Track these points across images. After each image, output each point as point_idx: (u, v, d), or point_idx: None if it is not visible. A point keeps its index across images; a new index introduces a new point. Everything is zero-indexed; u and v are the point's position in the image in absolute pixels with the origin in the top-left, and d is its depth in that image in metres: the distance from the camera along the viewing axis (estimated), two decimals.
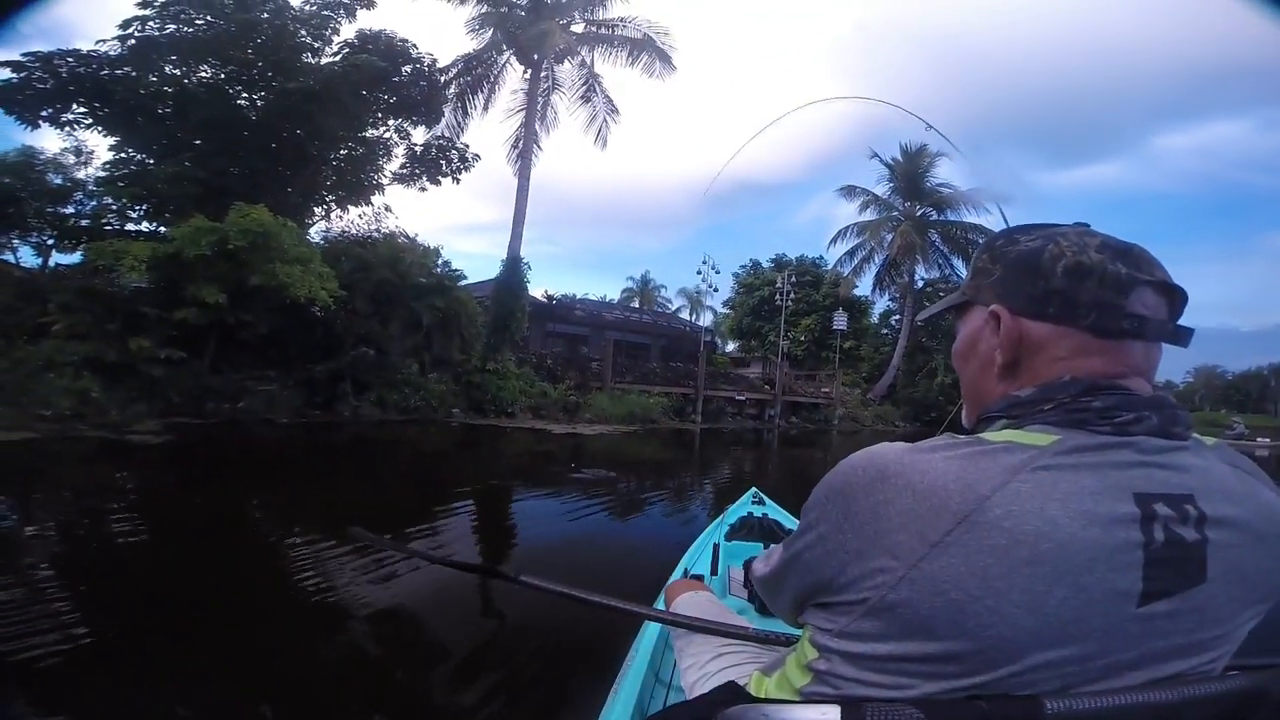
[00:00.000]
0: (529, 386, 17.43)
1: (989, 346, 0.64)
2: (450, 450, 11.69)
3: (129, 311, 10.67)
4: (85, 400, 9.39)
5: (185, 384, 11.02)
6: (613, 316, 29.88)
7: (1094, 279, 0.58)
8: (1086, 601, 0.49)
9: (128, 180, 13.54)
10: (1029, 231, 0.65)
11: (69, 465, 7.21)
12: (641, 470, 10.55)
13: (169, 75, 13.98)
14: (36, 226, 13.38)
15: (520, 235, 18.81)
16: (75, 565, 3.99)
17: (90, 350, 9.88)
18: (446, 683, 2.81)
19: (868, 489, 0.55)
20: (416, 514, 6.03)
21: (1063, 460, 0.52)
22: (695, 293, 38.45)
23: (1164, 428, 0.56)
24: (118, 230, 13.18)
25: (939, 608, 0.50)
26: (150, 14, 13.33)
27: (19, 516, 4.53)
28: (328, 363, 13.11)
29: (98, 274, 11.10)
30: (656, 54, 18.91)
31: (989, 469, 0.52)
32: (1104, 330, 0.58)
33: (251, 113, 14.78)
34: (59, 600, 3.35)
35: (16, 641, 2.72)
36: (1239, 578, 0.55)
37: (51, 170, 13.38)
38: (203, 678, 2.61)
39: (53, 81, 12.79)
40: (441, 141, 18.52)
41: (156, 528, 5.04)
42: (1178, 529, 0.52)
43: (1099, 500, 0.51)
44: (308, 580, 3.81)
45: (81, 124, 13.72)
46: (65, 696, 2.46)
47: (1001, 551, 0.49)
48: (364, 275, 14.17)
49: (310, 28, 14.95)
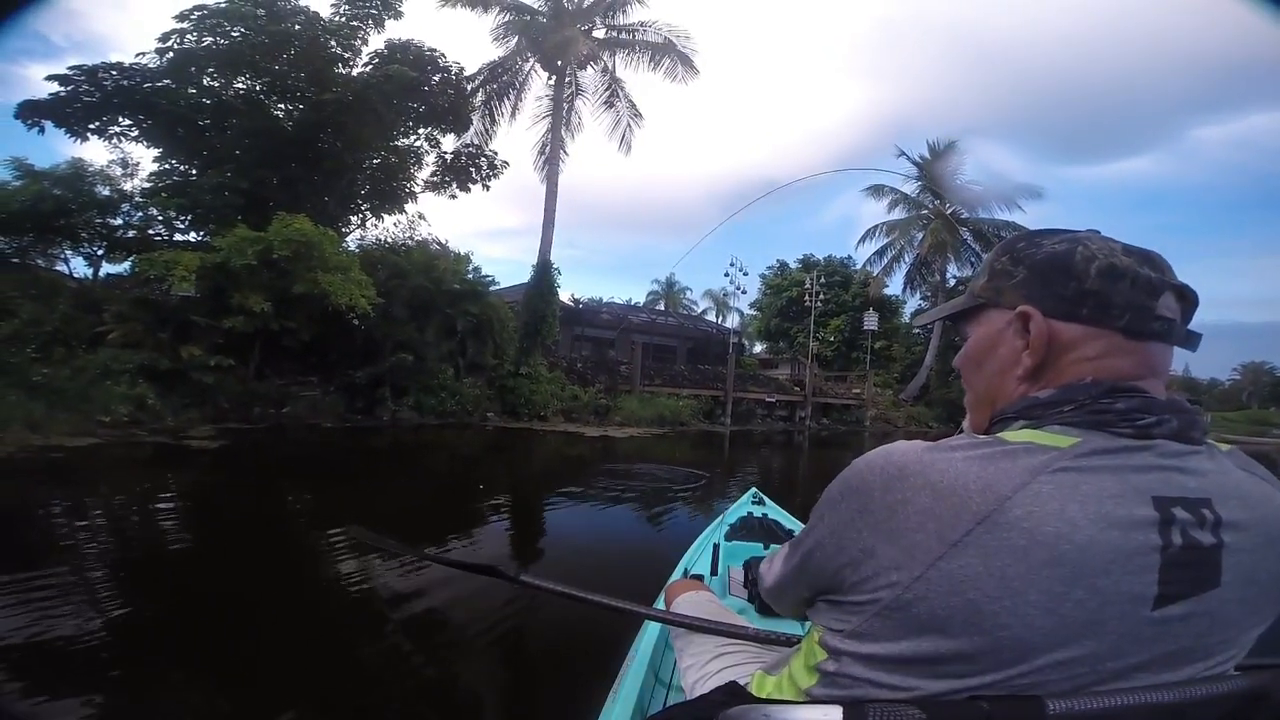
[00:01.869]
0: (560, 390, 17.56)
1: (1012, 349, 0.63)
2: (489, 454, 11.79)
3: (179, 320, 10.99)
4: (141, 406, 9.70)
5: (233, 390, 11.32)
6: (638, 319, 29.90)
7: (1127, 281, 0.58)
8: (1102, 604, 0.49)
9: (172, 191, 13.88)
10: (1050, 235, 0.65)
11: (138, 470, 7.45)
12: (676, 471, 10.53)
13: (206, 87, 14.31)
14: (87, 238, 13.79)
15: (550, 241, 18.97)
16: (153, 563, 4.14)
17: (145, 358, 10.20)
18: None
19: (885, 487, 0.55)
20: (471, 516, 6.13)
21: (1084, 462, 0.52)
22: (722, 294, 38.35)
23: (1182, 431, 0.56)
24: (165, 240, 13.54)
25: (956, 607, 0.49)
26: (187, 27, 13.70)
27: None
28: (368, 368, 13.36)
29: (148, 284, 11.46)
30: (678, 58, 18.93)
31: (1010, 469, 0.51)
32: (1136, 332, 0.58)
33: (288, 123, 15.09)
34: (137, 596, 3.48)
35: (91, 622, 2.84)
36: (1251, 582, 0.54)
37: (100, 182, 13.65)
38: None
39: (99, 94, 13.17)
40: (470, 149, 18.75)
41: (223, 530, 5.20)
42: (1195, 533, 0.52)
43: (1119, 503, 0.51)
44: (329, 579, 3.92)
45: (127, 136, 14.12)
46: (111, 684, 2.56)
47: (1021, 552, 0.48)
48: (400, 282, 14.40)
49: (340, 38, 15.24)
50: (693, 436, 17.36)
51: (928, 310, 1.21)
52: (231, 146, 14.44)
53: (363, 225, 17.80)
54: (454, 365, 15.10)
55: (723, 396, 21.24)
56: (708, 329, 32.84)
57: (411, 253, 15.97)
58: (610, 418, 17.57)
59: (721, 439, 17.47)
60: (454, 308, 15.03)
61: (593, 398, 18.10)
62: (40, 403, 8.70)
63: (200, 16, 13.68)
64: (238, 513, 5.77)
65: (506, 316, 16.58)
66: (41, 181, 12.28)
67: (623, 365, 21.67)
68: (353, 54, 15.59)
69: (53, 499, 5.81)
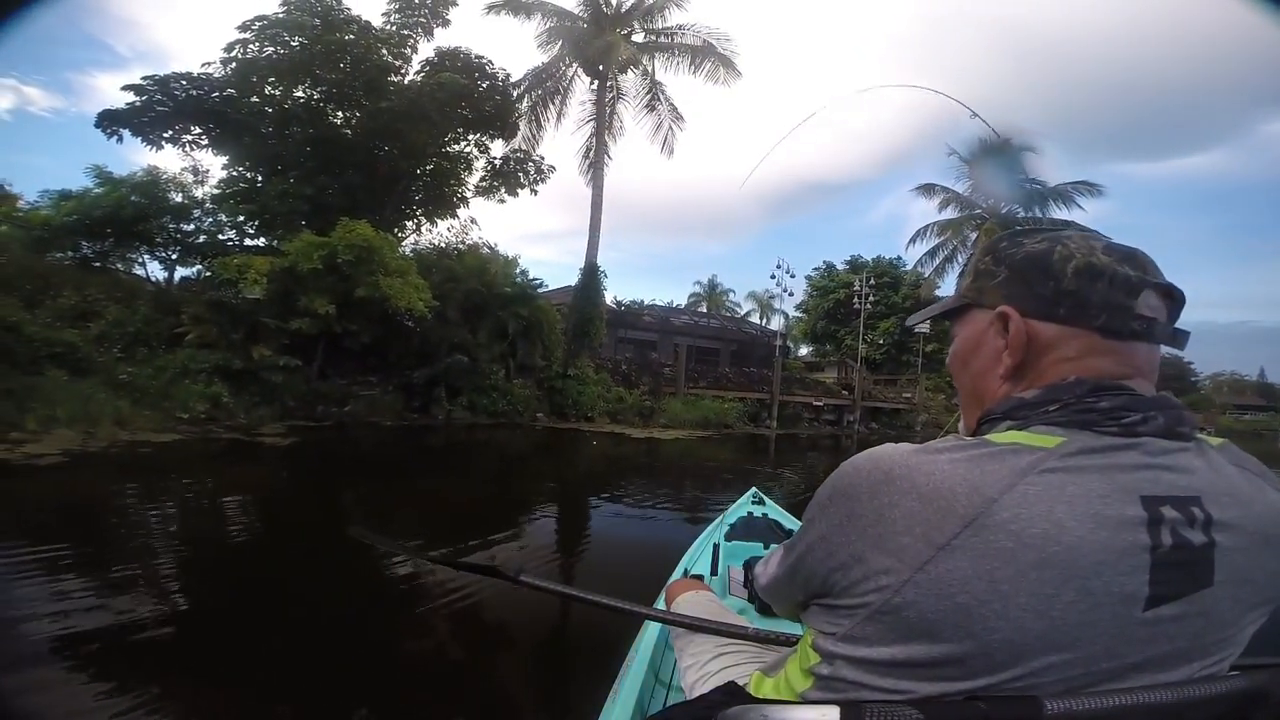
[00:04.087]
0: (606, 392, 17.68)
1: (994, 348, 0.63)
2: (540, 453, 11.95)
3: (250, 322, 11.47)
4: (217, 404, 10.16)
5: (298, 389, 11.75)
6: (680, 321, 29.84)
7: (1104, 280, 0.58)
8: (1093, 605, 0.49)
9: (241, 197, 14.51)
10: (1032, 234, 0.64)
11: (223, 466, 7.83)
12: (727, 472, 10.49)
13: (268, 95, 14.84)
14: (162, 242, 14.49)
15: (596, 244, 19.09)
16: (246, 554, 4.31)
17: (219, 358, 10.68)
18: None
19: (872, 491, 0.54)
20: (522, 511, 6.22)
21: (1070, 462, 0.52)
22: (766, 296, 37.91)
23: (1170, 428, 0.56)
24: (235, 245, 14.13)
25: (946, 611, 0.49)
26: (249, 37, 14.22)
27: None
28: (424, 369, 13.69)
29: (220, 286, 12.00)
30: (719, 60, 18.80)
31: (996, 471, 0.51)
32: (1114, 331, 0.58)
33: (346, 130, 15.60)
34: (228, 585, 3.63)
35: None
36: (1245, 580, 0.54)
37: (173, 189, 14.29)
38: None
39: (171, 104, 13.73)
40: (519, 154, 19.03)
41: (297, 525, 5.41)
42: (1185, 532, 0.51)
43: (1107, 503, 0.50)
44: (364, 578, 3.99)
45: (198, 144, 14.70)
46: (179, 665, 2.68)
47: (1009, 555, 0.48)
48: (453, 285, 14.72)
49: (390, 46, 15.63)
50: (738, 439, 17.29)
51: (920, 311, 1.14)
52: (294, 154, 14.99)
53: (417, 230, 18.25)
54: (505, 366, 15.36)
55: (768, 399, 21.00)
56: (751, 331, 32.54)
57: (464, 256, 16.31)
58: (655, 419, 17.59)
59: (767, 442, 17.30)
60: (505, 310, 15.29)
61: (637, 399, 18.16)
62: (126, 400, 9.19)
63: (261, 27, 14.22)
64: (312, 508, 6.00)
65: (554, 319, 16.78)
66: (121, 188, 12.99)
67: (666, 367, 21.65)
68: (404, 62, 16.01)
69: (152, 491, 6.14)
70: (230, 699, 2.51)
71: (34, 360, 8.76)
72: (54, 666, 2.56)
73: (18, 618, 2.99)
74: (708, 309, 40.61)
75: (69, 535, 4.43)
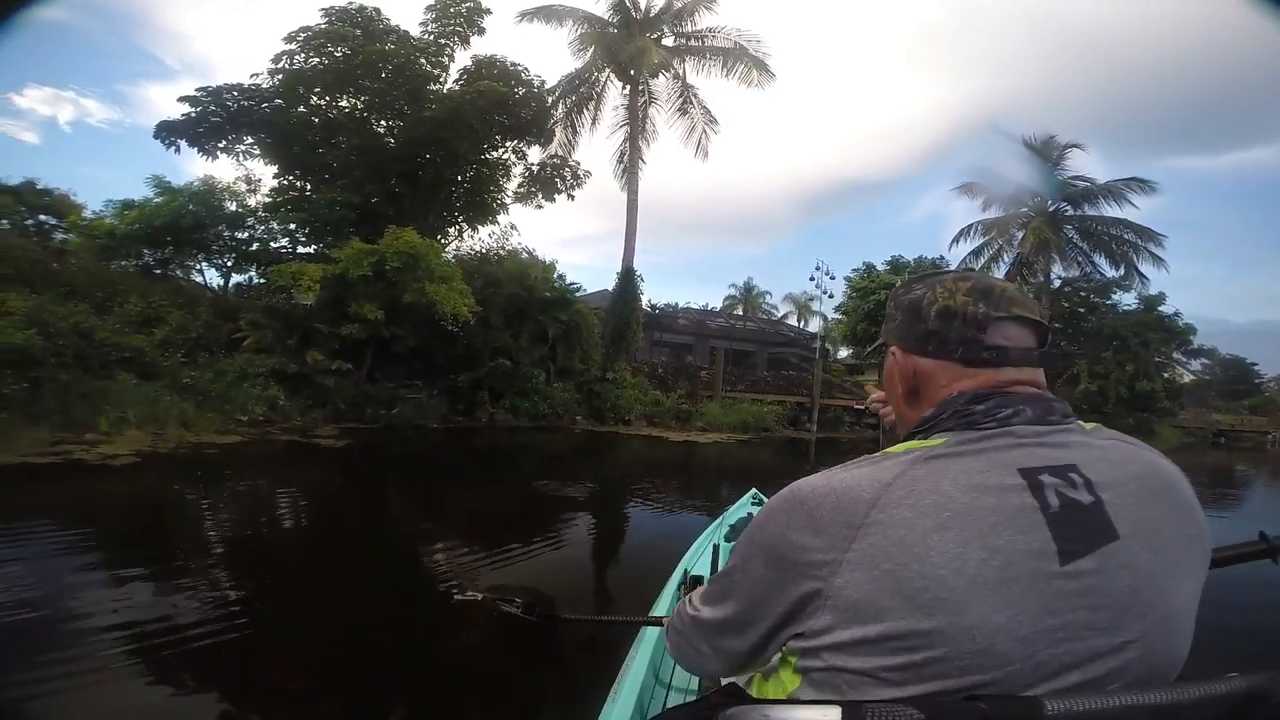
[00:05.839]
0: (643, 395, 17.71)
1: (897, 379, 0.75)
2: (581, 455, 12.01)
3: (304, 327, 11.81)
4: (274, 407, 10.49)
5: (348, 392, 12.06)
6: (716, 325, 29.74)
7: (959, 319, 0.69)
8: (1005, 563, 0.54)
9: (292, 206, 14.90)
10: (921, 280, 0.76)
11: (286, 467, 8.10)
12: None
13: (314, 105, 15.22)
14: (218, 250, 15.03)
15: (633, 249, 19.16)
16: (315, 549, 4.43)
17: (276, 363, 11.03)
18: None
19: (790, 509, 0.63)
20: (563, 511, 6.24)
21: (950, 450, 0.61)
22: (804, 298, 37.40)
23: (1040, 417, 0.65)
24: (289, 253, 14.55)
25: (877, 580, 0.55)
26: (294, 48, 14.61)
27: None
28: (469, 373, 13.91)
29: (274, 293, 12.39)
30: (751, 62, 18.65)
31: (889, 466, 0.61)
32: (970, 361, 0.69)
33: (390, 139, 15.94)
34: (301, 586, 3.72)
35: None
36: (1151, 530, 0.60)
37: (228, 198, 14.82)
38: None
39: (224, 114, 14.20)
40: (555, 160, 19.20)
41: (356, 523, 5.52)
42: (1070, 493, 0.58)
43: (986, 475, 0.58)
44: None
45: (250, 154, 15.21)
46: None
47: (910, 523, 0.56)
48: (495, 291, 14.92)
49: (429, 56, 15.91)
50: (777, 442, 17.13)
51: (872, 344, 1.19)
52: (341, 162, 15.36)
53: (459, 236, 18.55)
54: (545, 370, 15.49)
55: (808, 403, 20.73)
56: (789, 333, 32.20)
57: (505, 262, 16.51)
58: (692, 422, 17.54)
59: (807, 445, 17.09)
60: (545, 315, 15.44)
61: (674, 403, 18.14)
62: (190, 402, 9.55)
63: (306, 38, 14.59)
64: (370, 506, 6.14)
65: (593, 323, 16.87)
66: (179, 198, 13.52)
67: (703, 370, 21.55)
68: (442, 71, 16.28)
69: (224, 491, 6.37)
70: (275, 695, 2.60)
71: (105, 364, 9.16)
72: (119, 660, 2.66)
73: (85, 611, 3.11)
74: (744, 312, 40.36)
75: (150, 535, 4.62)
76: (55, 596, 3.23)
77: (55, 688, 2.36)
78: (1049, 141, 24.78)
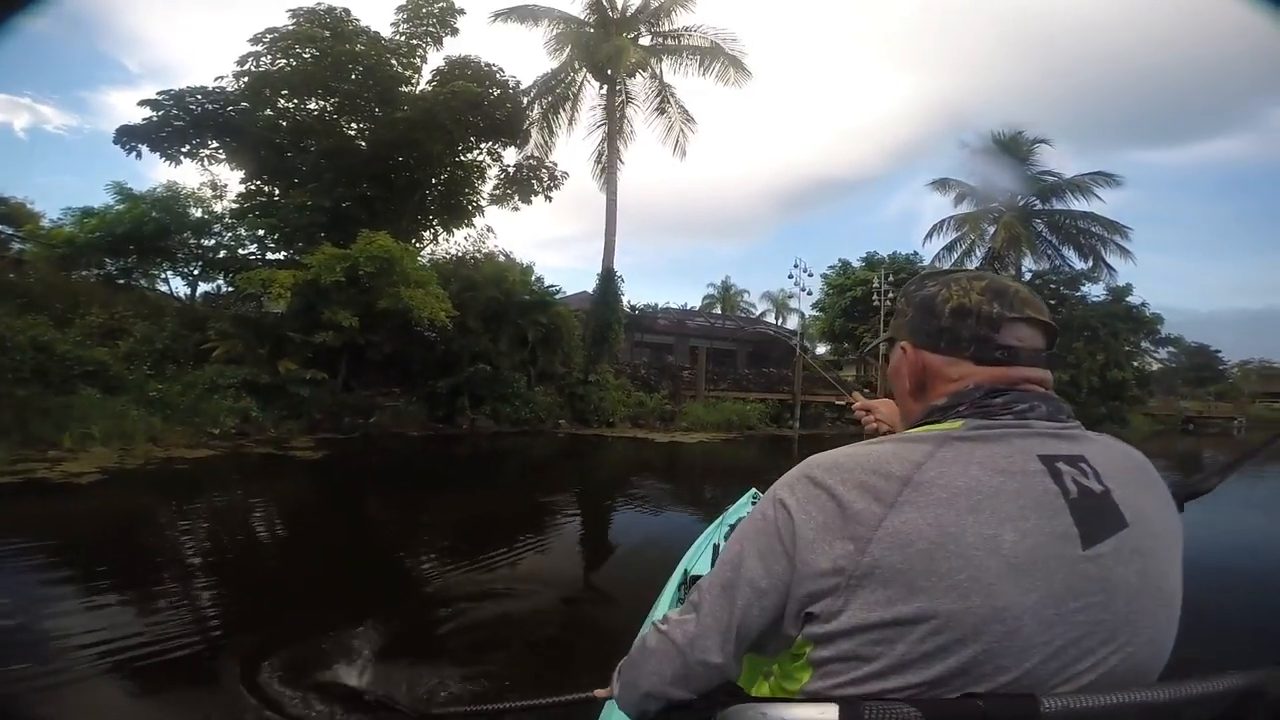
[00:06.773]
0: (626, 397, 17.65)
1: (906, 373, 0.77)
2: (564, 459, 11.87)
3: (275, 336, 11.49)
4: (246, 419, 10.18)
5: (324, 401, 11.77)
6: (696, 324, 29.73)
7: (972, 318, 0.70)
8: (1036, 544, 0.55)
9: (260, 211, 14.48)
10: (934, 277, 0.77)
11: (262, 480, 7.83)
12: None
13: (282, 108, 14.78)
14: (184, 258, 14.52)
15: (613, 249, 19.03)
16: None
17: (247, 373, 10.72)
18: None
19: (809, 486, 0.61)
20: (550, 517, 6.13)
21: (972, 434, 0.63)
22: (783, 296, 37.58)
23: (1052, 415, 0.67)
24: (257, 259, 14.13)
25: (911, 558, 0.54)
26: (260, 49, 14.13)
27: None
28: (447, 378, 13.68)
29: (244, 301, 12.03)
30: (728, 60, 18.69)
31: (916, 446, 0.61)
32: (981, 359, 0.70)
33: (361, 142, 15.58)
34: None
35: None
36: (1149, 519, 0.62)
37: (193, 204, 14.22)
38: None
39: (188, 118, 13.66)
40: (531, 161, 19.00)
41: (340, 531, 5.34)
42: (1084, 481, 0.60)
43: (1010, 460, 0.60)
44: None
45: (215, 158, 14.64)
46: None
47: (945, 503, 0.56)
48: (472, 294, 14.69)
49: (400, 57, 15.57)
50: (761, 440, 17.16)
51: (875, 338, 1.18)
52: (311, 166, 14.92)
53: (434, 240, 18.25)
54: (526, 374, 15.32)
55: (790, 400, 20.81)
56: (768, 331, 32.34)
57: (482, 265, 16.28)
58: (677, 423, 17.52)
59: (790, 443, 17.15)
60: (524, 318, 15.26)
61: (658, 404, 18.11)
62: (158, 416, 9.22)
63: (272, 39, 14.14)
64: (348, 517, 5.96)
65: (573, 325, 16.72)
66: (142, 204, 13.03)
67: (685, 370, 21.52)
68: (414, 72, 15.96)
69: (194, 509, 6.12)
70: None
71: (67, 379, 8.82)
72: (90, 678, 2.59)
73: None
74: (722, 310, 40.45)
75: (115, 554, 4.40)
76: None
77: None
78: (1017, 137, 25.26)
